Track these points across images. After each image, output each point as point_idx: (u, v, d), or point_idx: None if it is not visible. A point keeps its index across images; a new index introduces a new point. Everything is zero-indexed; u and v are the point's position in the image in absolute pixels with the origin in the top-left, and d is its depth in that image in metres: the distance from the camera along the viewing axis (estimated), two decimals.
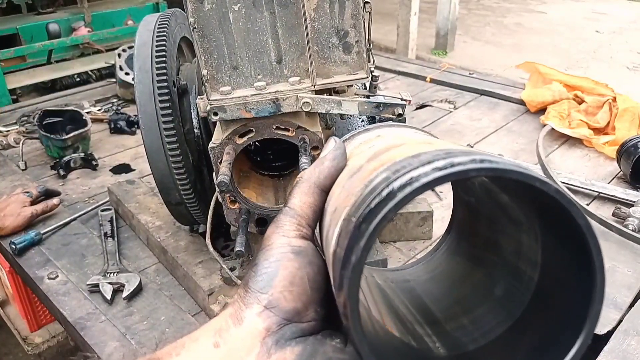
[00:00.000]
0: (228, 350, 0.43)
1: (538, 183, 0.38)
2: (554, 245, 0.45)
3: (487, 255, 0.56)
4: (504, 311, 0.49)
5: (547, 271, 0.47)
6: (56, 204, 1.97)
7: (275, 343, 0.43)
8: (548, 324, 0.45)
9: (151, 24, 1.45)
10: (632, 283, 1.57)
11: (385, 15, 7.00)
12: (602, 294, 0.41)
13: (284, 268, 0.45)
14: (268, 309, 0.44)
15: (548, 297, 0.46)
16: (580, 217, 0.39)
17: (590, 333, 0.41)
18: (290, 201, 0.49)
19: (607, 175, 2.18)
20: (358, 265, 0.38)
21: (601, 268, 0.40)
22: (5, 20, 4.42)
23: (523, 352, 0.46)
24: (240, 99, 1.17)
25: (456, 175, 0.37)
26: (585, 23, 8.12)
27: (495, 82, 3.15)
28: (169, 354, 0.44)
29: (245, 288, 0.46)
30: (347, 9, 1.12)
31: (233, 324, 0.44)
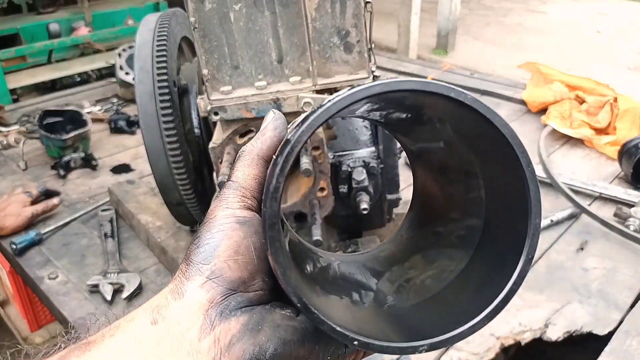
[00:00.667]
0: (167, 326, 0.41)
1: (453, 93, 0.38)
2: (492, 170, 0.45)
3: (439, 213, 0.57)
4: (447, 270, 0.49)
5: (492, 201, 0.46)
6: (56, 203, 1.97)
7: (220, 314, 0.41)
8: (493, 261, 0.45)
9: (152, 23, 1.45)
10: (634, 284, 1.57)
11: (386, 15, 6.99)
12: (538, 206, 0.40)
13: (228, 237, 0.43)
14: (211, 280, 0.42)
15: (493, 237, 0.46)
16: (503, 125, 0.38)
17: (532, 248, 0.40)
18: (234, 174, 0.47)
19: (609, 176, 2.18)
20: (274, 193, 0.39)
21: (532, 177, 0.39)
22: (6, 20, 4.42)
23: (472, 288, 0.46)
24: (241, 98, 1.17)
25: (366, 91, 0.38)
26: (587, 23, 8.11)
27: (496, 82, 3.15)
28: (102, 336, 0.41)
29: (187, 261, 0.43)
30: (349, 8, 1.12)
31: (173, 298, 0.42)
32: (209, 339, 0.40)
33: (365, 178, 1.35)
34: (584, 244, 1.74)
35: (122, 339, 0.41)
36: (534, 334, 1.42)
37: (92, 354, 0.40)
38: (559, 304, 1.50)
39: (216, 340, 0.41)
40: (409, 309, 0.49)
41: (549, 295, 1.53)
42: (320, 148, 1.25)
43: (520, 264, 0.41)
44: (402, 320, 0.48)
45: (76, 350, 0.40)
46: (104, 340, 0.41)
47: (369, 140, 1.42)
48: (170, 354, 0.40)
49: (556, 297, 1.53)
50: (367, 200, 1.33)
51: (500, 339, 1.39)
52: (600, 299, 1.52)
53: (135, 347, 0.40)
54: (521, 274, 0.41)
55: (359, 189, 1.35)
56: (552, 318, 1.45)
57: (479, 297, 0.43)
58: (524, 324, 1.44)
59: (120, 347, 0.40)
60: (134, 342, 0.40)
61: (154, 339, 0.40)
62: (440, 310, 0.47)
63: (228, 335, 0.41)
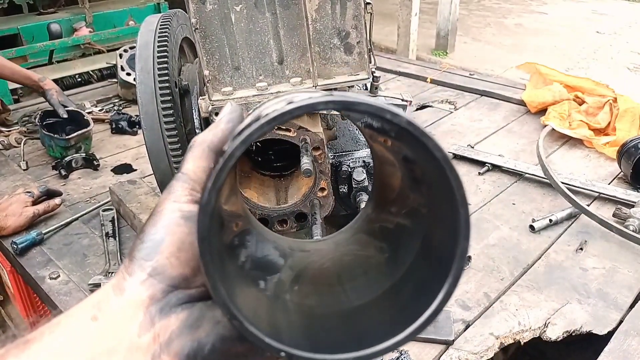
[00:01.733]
0: (107, 323, 0.40)
1: (389, 115, 0.37)
2: (434, 193, 0.44)
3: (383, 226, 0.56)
4: (383, 279, 0.49)
5: (431, 226, 0.46)
6: (58, 204, 1.98)
7: (160, 311, 0.41)
8: (424, 277, 0.44)
9: (153, 24, 1.45)
10: (633, 284, 1.58)
11: (386, 16, 7.00)
12: (467, 230, 0.39)
13: (172, 234, 0.43)
14: (152, 277, 0.42)
15: (428, 253, 0.45)
16: (437, 149, 0.38)
17: (458, 273, 0.40)
18: (184, 166, 0.46)
19: (608, 176, 2.18)
20: (206, 206, 0.38)
21: (463, 201, 0.38)
22: (7, 20, 4.43)
23: (396, 309, 0.46)
24: (242, 99, 1.18)
25: (304, 108, 0.37)
26: (586, 24, 8.12)
27: (495, 82, 3.15)
28: (41, 334, 0.40)
29: (130, 257, 0.43)
30: (349, 10, 1.12)
31: (114, 294, 0.42)
32: (149, 335, 0.40)
33: (365, 178, 1.36)
34: (583, 244, 1.75)
35: (61, 335, 0.40)
36: (534, 333, 1.43)
37: (31, 352, 0.39)
38: (559, 303, 1.51)
39: (156, 337, 0.41)
40: (339, 312, 0.49)
41: (548, 295, 1.54)
42: (320, 148, 1.25)
43: (442, 291, 0.40)
44: (330, 324, 0.48)
45: (14, 350, 0.39)
46: (42, 338, 0.40)
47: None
48: (110, 351, 0.40)
49: (555, 296, 1.53)
50: (366, 200, 1.34)
51: (499, 339, 1.40)
52: (599, 298, 1.52)
53: (74, 344, 0.40)
54: (442, 301, 0.40)
55: (359, 189, 1.36)
56: (551, 318, 1.46)
57: (405, 314, 0.43)
58: (523, 323, 1.44)
59: (59, 344, 0.40)
60: (73, 339, 0.40)
61: (93, 335, 0.40)
62: (368, 321, 0.47)
63: (167, 332, 0.41)
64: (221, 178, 0.38)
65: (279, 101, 0.46)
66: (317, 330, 0.47)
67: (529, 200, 2.01)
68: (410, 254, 0.48)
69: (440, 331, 1.39)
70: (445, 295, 0.40)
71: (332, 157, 1.37)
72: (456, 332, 1.40)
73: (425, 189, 0.47)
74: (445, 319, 1.43)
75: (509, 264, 1.67)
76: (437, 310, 0.41)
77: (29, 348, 0.39)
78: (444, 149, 0.38)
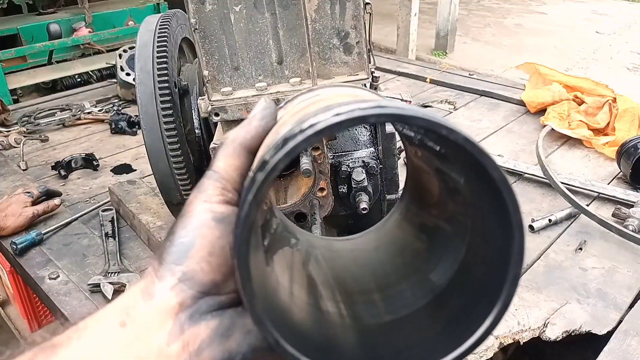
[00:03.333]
0: (136, 329, 0.39)
1: (445, 131, 0.35)
2: (479, 207, 0.42)
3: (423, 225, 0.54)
4: (427, 286, 0.47)
5: (475, 238, 0.44)
6: (57, 204, 1.98)
7: (189, 318, 0.40)
8: (469, 294, 0.42)
9: (152, 24, 1.45)
10: (632, 284, 1.58)
11: (385, 16, 7.00)
12: (520, 256, 0.37)
13: (203, 237, 0.41)
14: (182, 282, 0.40)
15: (473, 266, 0.43)
16: (494, 169, 0.36)
17: (508, 299, 0.38)
18: (215, 164, 0.45)
19: (607, 176, 2.18)
20: (246, 220, 0.36)
21: (519, 226, 0.36)
22: (6, 21, 4.43)
23: (440, 325, 0.43)
24: (241, 99, 1.18)
25: (355, 121, 0.35)
26: (586, 24, 8.12)
27: (495, 82, 3.15)
28: (69, 339, 0.39)
29: (159, 260, 0.41)
30: (348, 10, 1.12)
31: (143, 299, 0.40)
32: (178, 343, 0.39)
33: (364, 178, 1.36)
34: (582, 244, 1.75)
35: (89, 341, 0.39)
36: (533, 333, 1.43)
37: (59, 358, 0.38)
38: (558, 303, 1.51)
39: (185, 345, 0.39)
40: (379, 326, 0.46)
41: (548, 295, 1.54)
42: (320, 149, 1.25)
43: (491, 316, 0.38)
44: (370, 338, 0.45)
45: (41, 354, 0.38)
46: (70, 343, 0.39)
47: (368, 141, 1.43)
48: (138, 359, 0.38)
49: (555, 296, 1.53)
50: (366, 200, 1.34)
51: (499, 338, 1.40)
52: (599, 298, 1.52)
53: (103, 351, 0.39)
54: (492, 324, 0.38)
55: (359, 189, 1.36)
56: (551, 318, 1.46)
57: (449, 333, 0.41)
58: (522, 323, 1.44)
59: (88, 351, 0.39)
60: (101, 345, 0.39)
61: (122, 342, 0.39)
62: (410, 336, 0.45)
63: (197, 340, 0.40)
64: (262, 191, 0.36)
65: (319, 104, 0.43)
66: (356, 344, 0.45)
67: (529, 200, 2.01)
68: (453, 264, 0.45)
69: None
70: (494, 319, 0.38)
71: (331, 157, 1.37)
72: None
73: (461, 200, 0.45)
74: None
75: None
76: (484, 335, 0.38)
77: (56, 354, 0.38)
78: (501, 168, 0.36)
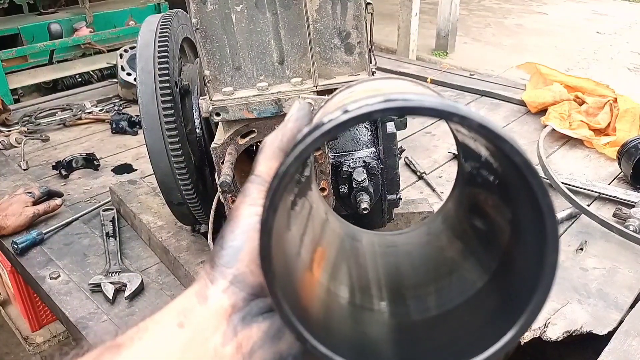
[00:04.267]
0: (193, 331, 0.41)
1: (457, 118, 0.34)
2: (514, 200, 0.42)
3: (466, 222, 0.54)
4: (469, 280, 0.47)
5: (514, 234, 0.44)
6: (58, 204, 1.98)
7: (242, 320, 0.41)
8: (510, 288, 0.42)
9: (153, 24, 1.45)
10: (633, 284, 1.58)
11: (386, 17, 7.00)
12: (555, 241, 0.36)
13: (251, 240, 0.42)
14: (234, 285, 0.42)
15: (513, 259, 0.43)
16: (516, 153, 0.35)
17: (547, 289, 0.38)
18: (257, 169, 0.46)
19: (608, 176, 2.18)
20: (265, 224, 0.37)
21: (550, 210, 0.36)
22: (7, 20, 4.43)
23: (480, 319, 0.44)
24: (242, 99, 1.18)
25: (361, 118, 0.35)
26: (586, 24, 8.12)
27: (496, 83, 3.15)
28: (131, 339, 0.41)
29: (211, 263, 0.43)
30: (349, 10, 1.12)
31: (198, 302, 0.42)
32: (232, 345, 0.41)
33: (365, 178, 1.36)
34: (583, 244, 1.75)
35: (150, 342, 0.41)
36: (534, 333, 1.42)
37: (123, 357, 0.40)
38: (559, 303, 1.51)
39: (239, 347, 0.41)
40: (419, 323, 0.47)
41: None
42: (321, 148, 1.25)
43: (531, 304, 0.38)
44: (410, 335, 0.46)
45: (107, 353, 0.40)
46: (133, 344, 0.41)
47: (369, 140, 1.43)
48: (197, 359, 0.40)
49: (556, 297, 1.53)
50: (367, 200, 1.34)
51: None
52: (600, 299, 1.52)
53: (162, 351, 0.41)
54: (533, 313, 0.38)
55: (359, 189, 1.36)
56: (552, 318, 1.46)
57: (491, 326, 0.41)
58: None
59: (149, 350, 0.41)
60: (161, 346, 0.41)
61: (180, 343, 0.41)
62: (451, 331, 0.45)
63: (250, 342, 0.41)
64: (276, 198, 0.37)
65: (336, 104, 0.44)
66: (402, 342, 0.45)
67: None
68: (495, 257, 0.45)
69: None
70: (535, 307, 0.38)
71: (332, 157, 1.37)
72: None
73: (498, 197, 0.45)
74: None
75: None
76: (527, 324, 0.38)
77: (120, 353, 0.40)
78: (524, 152, 0.35)
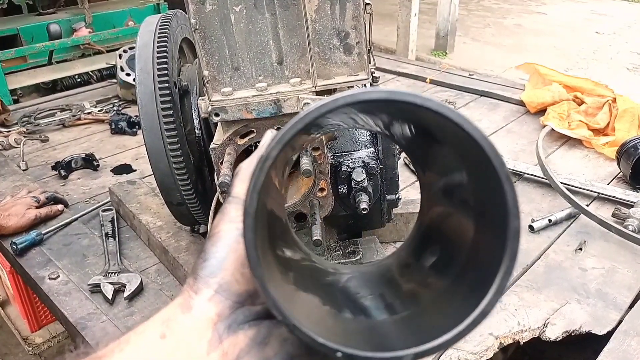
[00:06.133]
0: (176, 340, 0.41)
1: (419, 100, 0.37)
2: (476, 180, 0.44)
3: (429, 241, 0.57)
4: (444, 273, 0.49)
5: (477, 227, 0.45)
6: (60, 210, 1.98)
7: (228, 328, 0.42)
8: (478, 272, 0.44)
9: (152, 25, 1.45)
10: (632, 284, 1.58)
11: (385, 17, 7.01)
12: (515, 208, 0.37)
13: (234, 251, 0.44)
14: (219, 294, 0.42)
15: (479, 246, 0.45)
16: (473, 129, 0.37)
17: (513, 255, 0.39)
18: (234, 190, 0.48)
19: (607, 176, 2.18)
20: (249, 208, 0.39)
21: (507, 179, 0.37)
22: (6, 21, 4.43)
23: (456, 302, 0.45)
24: (241, 99, 1.18)
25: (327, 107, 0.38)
26: (585, 24, 8.12)
27: (495, 83, 3.15)
28: (112, 351, 0.41)
29: (194, 276, 0.44)
30: (348, 10, 1.12)
31: (182, 312, 0.42)
32: (217, 352, 0.41)
33: (364, 178, 1.36)
34: (582, 244, 1.75)
35: (131, 353, 0.41)
36: (533, 333, 1.43)
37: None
38: (558, 303, 1.51)
39: (224, 354, 0.41)
40: (392, 321, 0.49)
41: (548, 295, 1.54)
42: (320, 149, 1.25)
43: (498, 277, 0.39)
44: (384, 331, 0.48)
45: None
46: (113, 355, 0.41)
47: (368, 141, 1.43)
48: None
49: (555, 297, 1.54)
50: (366, 200, 1.34)
51: (499, 339, 1.40)
52: (599, 299, 1.52)
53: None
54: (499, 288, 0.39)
55: (359, 189, 1.36)
56: (551, 318, 1.46)
57: (458, 314, 0.42)
58: (522, 323, 1.44)
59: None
60: (142, 357, 0.41)
61: (163, 353, 0.41)
62: (422, 325, 0.46)
63: (236, 349, 0.42)
64: (260, 179, 0.39)
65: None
66: (373, 334, 0.47)
67: (528, 201, 2.01)
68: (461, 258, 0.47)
69: None
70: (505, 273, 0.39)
71: (331, 157, 1.37)
72: None
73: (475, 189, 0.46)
74: None
75: None
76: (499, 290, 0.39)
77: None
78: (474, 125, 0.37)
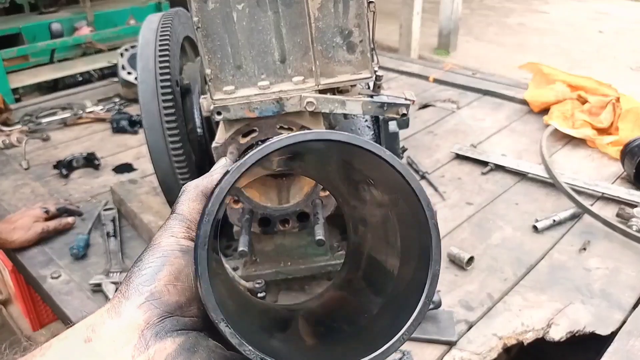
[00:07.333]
0: (101, 345, 0.41)
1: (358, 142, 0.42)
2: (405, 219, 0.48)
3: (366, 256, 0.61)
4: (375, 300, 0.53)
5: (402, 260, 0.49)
6: (71, 222, 1.89)
7: (155, 335, 0.42)
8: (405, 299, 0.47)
9: (154, 23, 1.45)
10: (636, 284, 1.57)
11: (388, 15, 6.99)
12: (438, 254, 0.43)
13: (170, 264, 0.45)
14: (149, 302, 0.43)
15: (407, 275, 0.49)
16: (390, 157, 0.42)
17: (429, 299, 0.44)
18: (178, 208, 0.50)
19: (611, 176, 2.17)
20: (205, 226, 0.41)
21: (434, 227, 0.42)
22: (8, 20, 4.43)
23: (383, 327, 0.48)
24: (243, 98, 1.17)
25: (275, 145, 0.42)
26: (588, 23, 8.09)
27: (498, 82, 3.14)
28: (33, 356, 0.41)
29: (127, 282, 0.44)
30: (351, 8, 1.11)
31: (109, 317, 0.43)
32: (143, 357, 0.41)
33: None
34: (586, 244, 1.74)
35: (53, 358, 0.41)
36: (537, 334, 1.42)
37: None
38: (562, 304, 1.50)
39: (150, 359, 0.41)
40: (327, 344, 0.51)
41: (551, 296, 1.53)
42: None
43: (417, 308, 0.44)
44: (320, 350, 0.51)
45: None
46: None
47: (371, 140, 1.42)
48: None
49: (558, 297, 1.53)
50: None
51: (502, 339, 1.39)
52: (602, 299, 1.52)
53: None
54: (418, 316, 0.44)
55: None
56: (554, 318, 1.45)
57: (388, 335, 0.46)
58: (526, 324, 1.44)
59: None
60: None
61: (85, 357, 0.40)
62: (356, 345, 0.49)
63: (163, 355, 0.42)
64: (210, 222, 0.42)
65: None
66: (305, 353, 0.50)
67: (532, 200, 2.00)
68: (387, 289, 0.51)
69: (443, 332, 1.38)
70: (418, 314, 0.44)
71: None
72: (459, 333, 1.40)
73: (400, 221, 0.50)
74: (448, 319, 1.42)
75: (512, 264, 1.66)
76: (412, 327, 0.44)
77: None
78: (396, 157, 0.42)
